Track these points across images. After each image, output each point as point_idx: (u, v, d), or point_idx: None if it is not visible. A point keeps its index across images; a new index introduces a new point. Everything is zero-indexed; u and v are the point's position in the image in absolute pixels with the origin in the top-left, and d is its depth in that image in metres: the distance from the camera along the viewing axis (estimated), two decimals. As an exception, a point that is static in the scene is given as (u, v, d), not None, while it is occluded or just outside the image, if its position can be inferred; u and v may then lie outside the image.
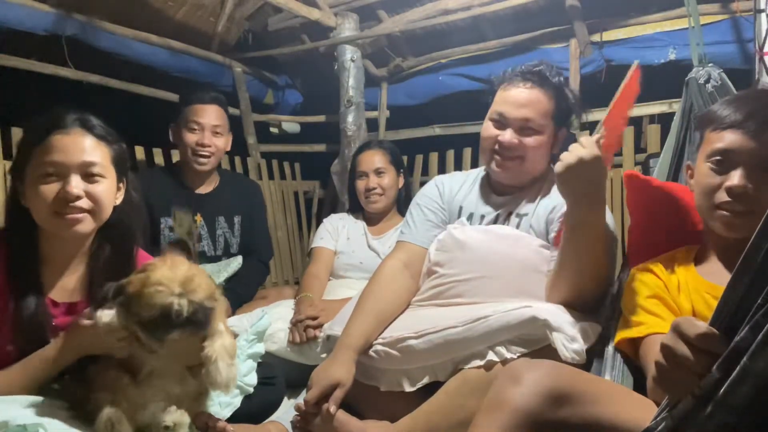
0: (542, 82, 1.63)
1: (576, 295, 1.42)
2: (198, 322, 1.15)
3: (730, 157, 1.13)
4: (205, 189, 2.43)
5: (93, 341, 1.18)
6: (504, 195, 1.71)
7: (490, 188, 1.74)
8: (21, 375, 1.19)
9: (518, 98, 1.62)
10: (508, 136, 1.61)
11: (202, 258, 2.36)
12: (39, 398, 1.18)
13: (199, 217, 2.36)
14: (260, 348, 1.58)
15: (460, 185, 1.78)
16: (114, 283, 1.18)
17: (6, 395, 1.15)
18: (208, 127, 2.32)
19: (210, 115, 2.33)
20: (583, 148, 1.29)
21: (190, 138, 2.31)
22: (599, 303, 1.47)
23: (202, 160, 2.33)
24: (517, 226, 1.62)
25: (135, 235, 1.39)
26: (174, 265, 1.16)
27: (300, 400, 1.62)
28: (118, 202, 1.34)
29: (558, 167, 1.31)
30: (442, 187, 1.80)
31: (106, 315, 1.13)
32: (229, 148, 2.48)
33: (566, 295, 1.42)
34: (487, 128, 1.67)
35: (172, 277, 1.13)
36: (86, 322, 1.17)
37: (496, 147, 1.64)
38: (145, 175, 2.54)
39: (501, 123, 1.63)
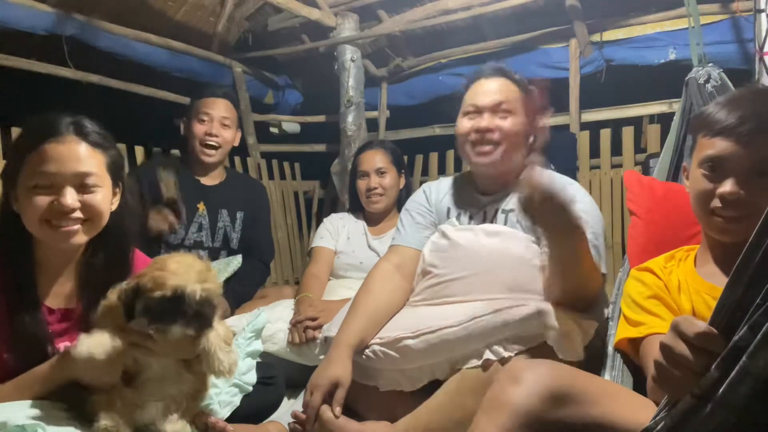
0: (506, 74, 1.71)
1: (570, 300, 1.42)
2: (203, 317, 1.15)
3: (722, 164, 1.11)
4: (210, 181, 2.46)
5: (81, 371, 1.15)
6: (489, 194, 1.73)
7: (475, 188, 1.77)
8: (12, 394, 1.16)
9: (488, 87, 1.69)
10: (484, 121, 1.64)
11: (200, 248, 2.38)
12: (38, 399, 1.18)
13: (201, 206, 2.39)
14: (258, 346, 1.58)
15: (447, 189, 1.81)
16: (126, 282, 1.17)
17: None
18: (217, 119, 2.38)
19: (219, 107, 2.40)
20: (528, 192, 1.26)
21: (199, 128, 2.36)
22: (594, 301, 1.48)
23: (209, 150, 2.37)
24: (505, 222, 1.64)
25: (131, 239, 1.37)
26: (190, 258, 1.18)
27: (300, 401, 1.62)
28: (114, 208, 1.31)
29: (527, 208, 1.29)
30: (428, 191, 1.83)
31: (84, 345, 1.10)
32: (237, 143, 2.52)
33: (561, 297, 1.43)
34: (462, 123, 1.70)
35: (188, 264, 1.15)
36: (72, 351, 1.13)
37: (473, 137, 1.66)
38: (150, 165, 2.55)
39: (475, 113, 1.67)
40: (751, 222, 1.05)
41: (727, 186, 1.09)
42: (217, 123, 2.37)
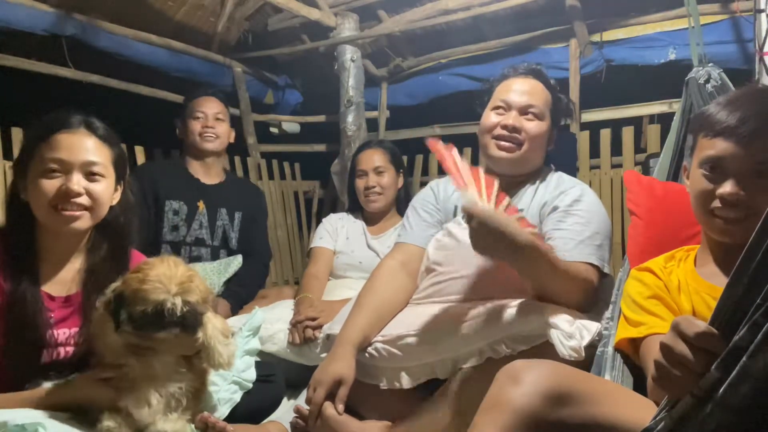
0: (541, 77, 1.71)
1: (561, 302, 1.43)
2: (188, 325, 1.16)
3: (722, 165, 1.10)
4: (210, 180, 2.53)
5: (90, 397, 1.20)
6: None
7: None
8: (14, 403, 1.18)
9: (521, 87, 1.69)
10: (512, 118, 1.65)
11: (201, 245, 2.42)
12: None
13: (201, 204, 2.44)
14: (256, 343, 1.59)
15: (455, 187, 1.80)
16: (112, 290, 1.19)
17: None
18: (211, 115, 2.50)
19: (212, 105, 2.52)
20: (470, 212, 1.29)
21: (196, 125, 2.48)
22: (590, 302, 1.48)
23: (208, 137, 2.48)
24: None
25: (130, 234, 1.42)
26: (172, 264, 1.18)
27: (300, 401, 1.62)
28: (115, 202, 1.38)
29: (472, 244, 1.31)
30: (436, 189, 1.83)
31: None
32: (232, 140, 2.62)
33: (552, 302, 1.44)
34: (489, 116, 1.70)
35: (170, 275, 1.15)
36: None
37: (497, 132, 1.66)
38: (151, 165, 2.71)
39: (504, 110, 1.68)
40: (751, 223, 1.04)
41: (727, 187, 1.09)
42: (212, 118, 2.49)
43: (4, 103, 2.51)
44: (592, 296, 1.48)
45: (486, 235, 1.27)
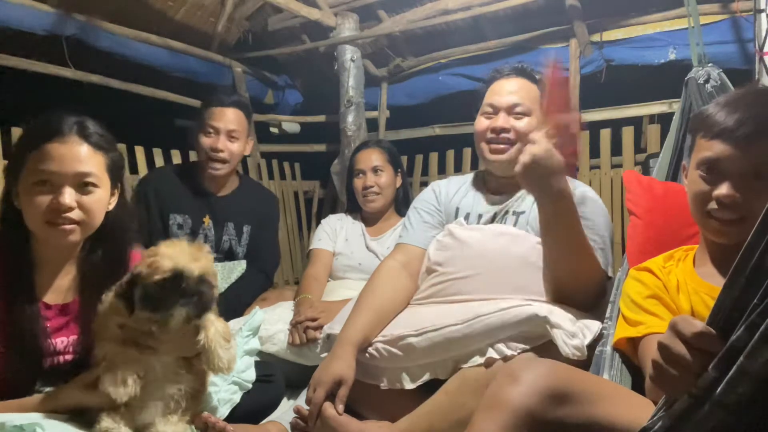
0: (526, 74, 1.72)
1: (569, 290, 1.43)
2: (203, 296, 1.17)
3: (719, 166, 1.11)
4: (220, 192, 2.38)
5: (80, 403, 1.20)
6: (500, 194, 1.73)
7: (486, 188, 1.77)
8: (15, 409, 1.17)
9: (506, 87, 1.71)
10: (500, 120, 1.67)
11: None
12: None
13: (207, 219, 2.33)
14: (256, 344, 1.60)
15: (456, 188, 1.81)
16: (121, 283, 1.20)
17: None
18: (224, 131, 2.27)
19: (226, 118, 2.28)
20: (535, 144, 1.32)
21: (206, 142, 2.27)
22: (597, 299, 1.48)
23: (216, 165, 2.28)
24: (515, 224, 1.64)
25: (128, 238, 1.39)
26: (181, 243, 1.21)
27: (300, 401, 1.62)
28: (111, 207, 1.34)
29: (517, 168, 1.34)
30: (438, 190, 1.83)
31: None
32: (248, 153, 2.43)
33: (560, 292, 1.44)
34: (480, 121, 1.73)
35: (180, 248, 1.18)
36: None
37: (488, 136, 1.69)
38: (157, 176, 2.49)
39: (492, 113, 1.70)
40: (747, 224, 1.05)
41: (724, 189, 1.09)
42: (224, 136, 2.26)
43: (4, 103, 2.51)
44: (595, 297, 1.48)
45: (540, 169, 1.30)
